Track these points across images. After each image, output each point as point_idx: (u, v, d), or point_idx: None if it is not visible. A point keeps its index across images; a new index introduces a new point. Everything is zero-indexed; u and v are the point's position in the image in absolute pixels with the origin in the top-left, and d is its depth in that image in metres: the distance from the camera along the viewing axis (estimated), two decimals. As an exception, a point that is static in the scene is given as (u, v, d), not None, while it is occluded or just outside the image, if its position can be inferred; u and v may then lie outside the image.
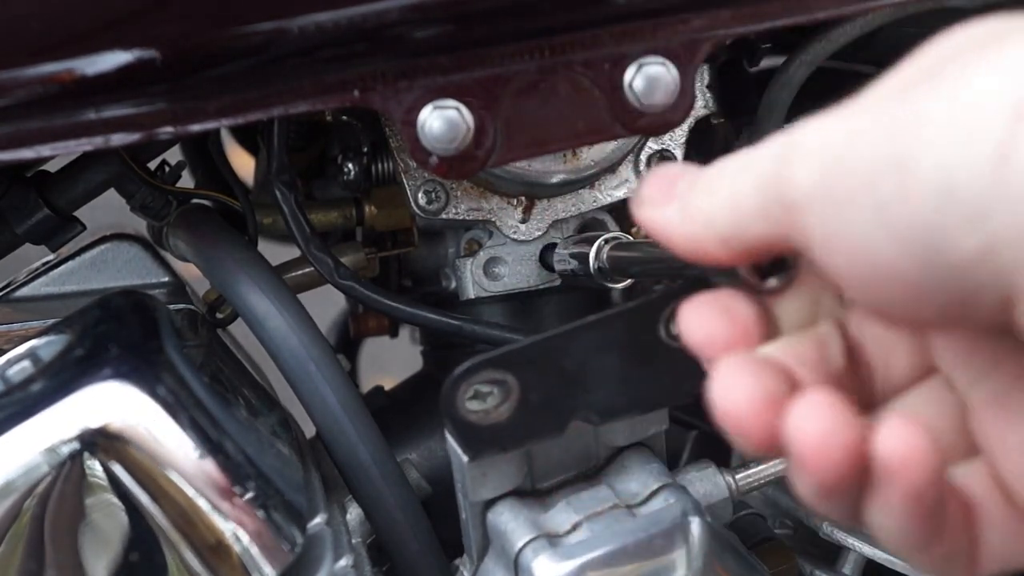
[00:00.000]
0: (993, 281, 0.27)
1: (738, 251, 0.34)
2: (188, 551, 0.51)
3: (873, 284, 0.30)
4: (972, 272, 0.27)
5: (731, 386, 0.33)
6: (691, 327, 0.36)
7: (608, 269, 0.59)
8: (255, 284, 0.61)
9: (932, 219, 0.27)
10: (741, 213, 0.33)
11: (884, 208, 0.28)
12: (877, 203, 0.29)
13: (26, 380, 0.52)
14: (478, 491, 0.55)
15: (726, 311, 0.35)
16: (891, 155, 0.28)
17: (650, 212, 0.36)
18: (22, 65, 0.50)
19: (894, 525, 0.30)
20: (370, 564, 0.60)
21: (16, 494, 0.49)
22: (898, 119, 0.29)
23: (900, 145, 0.28)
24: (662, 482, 0.58)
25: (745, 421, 0.32)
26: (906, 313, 0.30)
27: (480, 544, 0.58)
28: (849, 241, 0.30)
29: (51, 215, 0.65)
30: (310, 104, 0.55)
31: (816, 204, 0.30)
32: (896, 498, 0.29)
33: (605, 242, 0.60)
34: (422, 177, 0.67)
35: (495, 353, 0.46)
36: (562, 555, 0.53)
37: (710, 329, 0.35)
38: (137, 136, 0.53)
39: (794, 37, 0.71)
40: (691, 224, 0.35)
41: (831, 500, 0.30)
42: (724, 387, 0.33)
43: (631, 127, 0.60)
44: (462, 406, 0.47)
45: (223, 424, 0.54)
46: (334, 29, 0.52)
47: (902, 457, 0.28)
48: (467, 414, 0.48)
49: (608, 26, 0.58)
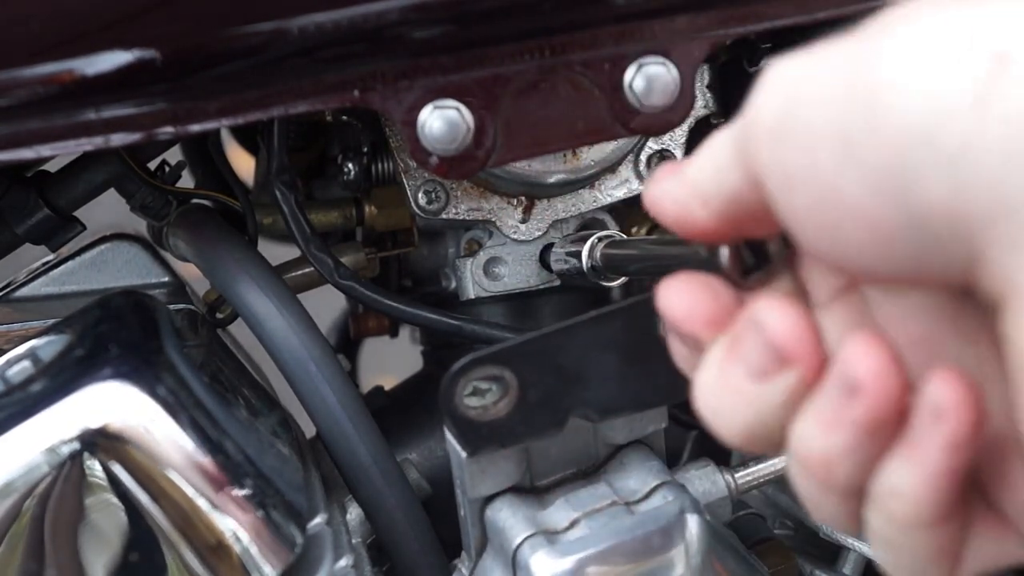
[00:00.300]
0: (959, 233, 0.26)
1: (719, 213, 0.33)
2: (188, 551, 0.51)
3: (835, 228, 0.29)
4: (939, 221, 0.26)
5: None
6: (671, 301, 0.35)
7: (601, 267, 0.59)
8: (255, 284, 0.61)
9: (904, 158, 0.26)
10: (718, 165, 0.33)
11: (851, 142, 0.27)
12: (844, 137, 0.28)
13: (26, 380, 0.52)
14: (477, 487, 0.55)
15: (708, 288, 0.35)
16: (860, 86, 0.27)
17: (653, 188, 0.36)
18: (22, 65, 0.50)
19: (917, 485, 0.28)
20: (370, 564, 0.60)
21: (16, 494, 0.49)
22: (869, 51, 0.28)
23: (870, 78, 0.27)
24: (661, 480, 0.58)
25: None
26: (865, 263, 0.29)
27: (479, 540, 0.58)
28: (812, 177, 0.29)
29: (51, 215, 0.65)
30: (310, 104, 0.55)
31: (777, 137, 0.30)
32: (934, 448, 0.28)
33: (598, 240, 0.60)
34: (422, 177, 0.67)
35: (493, 349, 0.46)
36: (560, 551, 0.53)
37: (691, 303, 0.34)
38: (137, 136, 0.53)
39: (794, 37, 0.71)
40: (680, 188, 0.35)
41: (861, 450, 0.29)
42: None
43: (631, 127, 0.60)
44: (461, 402, 0.48)
45: (223, 424, 0.54)
46: (334, 29, 0.53)
47: (955, 401, 0.27)
48: (466, 410, 0.48)
49: (608, 26, 0.58)
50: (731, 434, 0.33)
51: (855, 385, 0.29)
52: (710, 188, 0.34)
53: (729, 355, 0.33)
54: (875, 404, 0.28)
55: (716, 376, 0.33)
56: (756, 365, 0.32)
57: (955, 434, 0.27)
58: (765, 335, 0.31)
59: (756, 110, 0.31)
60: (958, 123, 0.25)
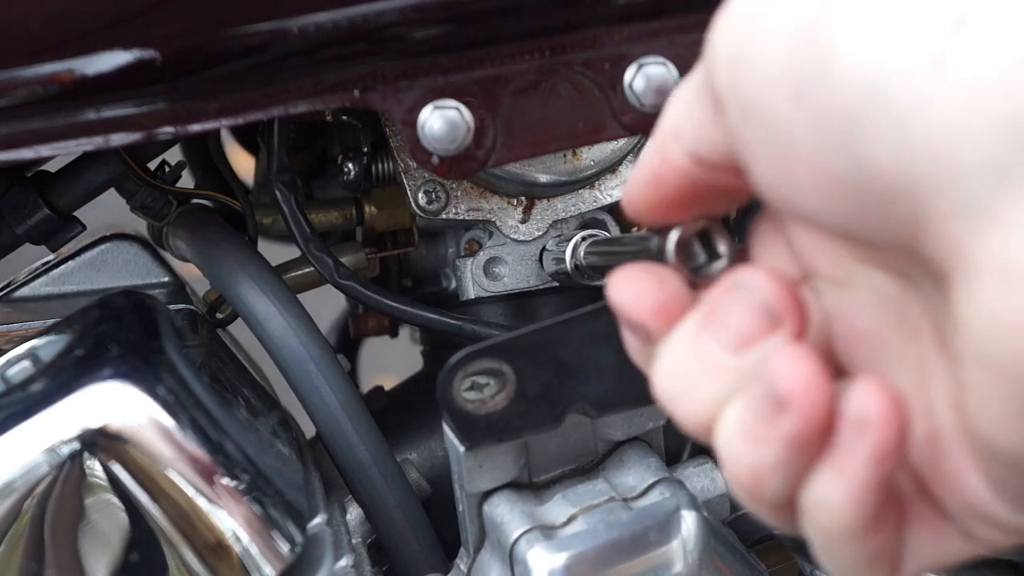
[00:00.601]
0: (904, 195, 0.25)
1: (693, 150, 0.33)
2: (188, 551, 0.51)
3: (785, 168, 0.28)
4: (885, 179, 0.26)
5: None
6: (619, 290, 0.35)
7: (585, 267, 0.59)
8: (255, 284, 0.61)
9: (853, 111, 0.26)
10: (689, 95, 0.33)
11: (804, 84, 0.27)
12: (797, 77, 0.27)
13: (26, 380, 0.52)
14: (475, 482, 0.55)
15: (655, 277, 0.34)
16: (819, 27, 0.27)
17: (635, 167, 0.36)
18: (22, 65, 0.50)
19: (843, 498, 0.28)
20: (370, 564, 0.60)
21: (16, 494, 0.49)
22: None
23: (829, 21, 0.27)
24: (659, 476, 0.58)
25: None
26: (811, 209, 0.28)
27: (476, 536, 0.58)
28: (766, 112, 0.28)
29: (51, 215, 0.65)
30: (310, 104, 0.55)
31: (735, 65, 0.29)
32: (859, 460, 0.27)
33: (581, 240, 0.60)
34: (422, 177, 0.67)
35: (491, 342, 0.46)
36: (557, 547, 0.53)
37: (638, 292, 0.34)
38: (137, 136, 0.53)
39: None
40: (657, 136, 0.34)
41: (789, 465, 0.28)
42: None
43: (631, 127, 0.60)
44: (459, 395, 0.48)
45: (223, 424, 0.54)
46: (334, 29, 0.53)
47: (879, 412, 0.27)
48: (464, 403, 0.48)
49: (608, 26, 0.58)
50: (695, 418, 0.32)
51: (782, 400, 0.28)
52: (681, 121, 0.33)
53: (702, 328, 0.32)
54: (803, 419, 0.28)
55: (683, 353, 0.32)
56: (739, 330, 0.31)
57: (879, 446, 0.27)
58: (754, 296, 0.31)
59: (717, 33, 0.30)
60: (911, 82, 0.25)
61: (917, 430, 0.30)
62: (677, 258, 0.35)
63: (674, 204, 0.35)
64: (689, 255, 0.35)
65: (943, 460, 0.29)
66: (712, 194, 0.35)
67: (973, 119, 0.24)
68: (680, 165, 0.34)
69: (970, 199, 0.24)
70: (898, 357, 0.31)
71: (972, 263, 0.24)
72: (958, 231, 0.24)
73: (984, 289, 0.24)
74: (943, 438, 0.29)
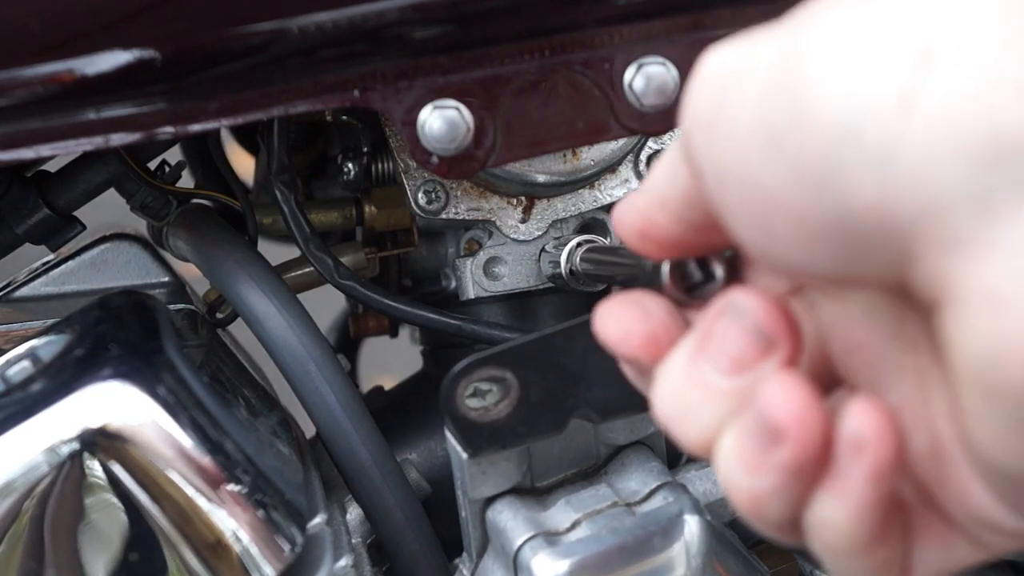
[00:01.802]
0: (890, 233, 0.25)
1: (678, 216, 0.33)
2: (188, 551, 0.51)
3: (766, 224, 0.28)
4: (868, 221, 0.25)
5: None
6: (605, 326, 0.35)
7: (580, 273, 0.59)
8: (255, 284, 0.61)
9: (830, 155, 0.26)
10: (671, 167, 0.33)
11: (778, 138, 0.27)
12: (770, 132, 0.27)
13: (26, 380, 0.52)
14: (478, 489, 0.55)
15: (640, 309, 0.35)
16: (786, 82, 0.27)
17: (619, 205, 0.36)
18: (22, 65, 0.50)
19: (846, 517, 0.28)
20: (370, 564, 0.60)
21: (16, 494, 0.49)
22: (796, 44, 0.27)
23: (796, 74, 0.27)
24: (662, 480, 0.58)
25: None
26: (797, 261, 0.28)
27: (479, 542, 0.58)
28: (742, 172, 0.28)
29: (51, 215, 0.65)
30: (310, 104, 0.55)
31: (708, 130, 0.29)
32: (858, 481, 0.28)
33: (577, 245, 0.60)
34: (422, 177, 0.67)
35: (495, 350, 0.46)
36: (561, 553, 0.53)
37: (625, 327, 0.34)
38: (137, 136, 0.53)
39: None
40: (641, 196, 0.35)
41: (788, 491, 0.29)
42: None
43: (631, 127, 0.60)
44: (462, 403, 0.48)
45: (223, 424, 0.54)
46: (334, 29, 0.53)
47: (874, 433, 0.27)
48: (467, 411, 0.48)
49: (608, 26, 0.58)
50: (695, 439, 0.32)
51: (777, 430, 0.28)
52: (666, 190, 0.34)
53: (697, 352, 0.32)
54: (799, 449, 0.28)
55: (680, 377, 0.33)
56: (734, 354, 0.31)
57: (876, 465, 0.27)
58: (747, 320, 0.31)
59: (690, 102, 0.31)
60: (883, 123, 0.25)
61: (919, 441, 0.30)
62: (672, 279, 0.35)
63: (664, 251, 0.36)
64: (684, 275, 0.35)
65: (947, 470, 0.30)
66: (702, 247, 0.35)
67: (947, 148, 0.24)
68: (666, 227, 0.34)
69: (955, 229, 0.24)
70: (896, 368, 0.31)
71: (960, 292, 0.24)
72: (944, 262, 0.24)
73: (973, 317, 0.24)
74: (945, 449, 0.30)
